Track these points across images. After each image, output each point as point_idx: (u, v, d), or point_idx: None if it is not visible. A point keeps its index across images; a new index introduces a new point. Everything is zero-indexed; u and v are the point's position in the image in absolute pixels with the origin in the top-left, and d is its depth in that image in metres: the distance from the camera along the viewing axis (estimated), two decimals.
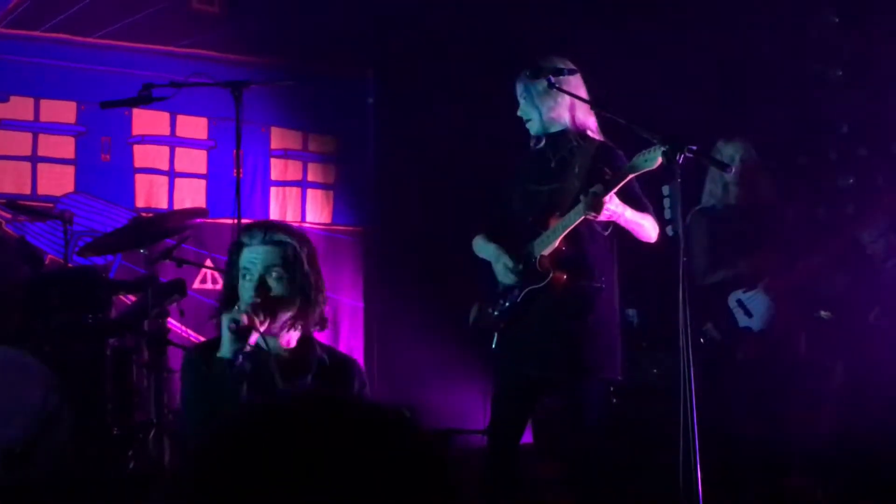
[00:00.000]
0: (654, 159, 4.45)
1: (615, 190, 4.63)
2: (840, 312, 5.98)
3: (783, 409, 5.57)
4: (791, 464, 5.81)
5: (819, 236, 5.82)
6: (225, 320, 3.68)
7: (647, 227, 4.86)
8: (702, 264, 5.72)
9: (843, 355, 6.01)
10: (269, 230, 3.87)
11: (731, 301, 5.56)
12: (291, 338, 3.84)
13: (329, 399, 1.28)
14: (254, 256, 3.79)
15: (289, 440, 1.18)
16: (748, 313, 5.53)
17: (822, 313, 5.95)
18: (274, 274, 3.78)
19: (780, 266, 5.57)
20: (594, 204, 4.59)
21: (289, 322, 3.79)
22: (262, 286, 3.76)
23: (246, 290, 3.76)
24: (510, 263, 4.87)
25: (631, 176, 4.64)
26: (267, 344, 3.74)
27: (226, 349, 3.67)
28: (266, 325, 3.71)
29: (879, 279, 5.87)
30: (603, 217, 4.66)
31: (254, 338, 3.69)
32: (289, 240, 3.85)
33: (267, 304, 3.73)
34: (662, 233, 4.99)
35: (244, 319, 3.66)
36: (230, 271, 3.87)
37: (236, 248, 3.87)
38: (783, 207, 5.86)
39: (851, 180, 6.86)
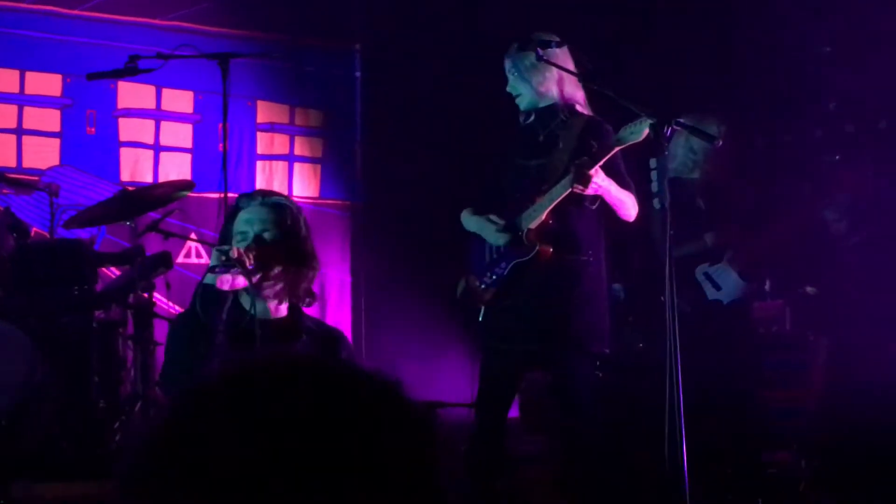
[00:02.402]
0: (640, 132, 4.46)
1: (601, 163, 4.63)
2: (824, 289, 6.00)
3: (763, 383, 5.59)
4: (774, 439, 5.83)
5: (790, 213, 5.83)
6: (214, 252, 3.67)
7: (628, 205, 4.85)
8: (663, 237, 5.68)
9: (827, 330, 6.02)
10: (267, 195, 3.88)
11: (699, 274, 5.55)
12: (281, 308, 3.83)
13: (313, 360, 1.25)
14: (250, 216, 3.77)
15: (266, 399, 1.14)
16: (716, 286, 5.53)
17: (808, 289, 5.96)
18: (268, 235, 3.77)
19: (743, 240, 5.56)
20: (580, 177, 4.59)
21: (279, 289, 3.77)
22: (257, 241, 3.75)
23: (213, 258, 3.74)
24: (498, 222, 4.87)
25: (617, 149, 4.65)
26: (255, 307, 3.73)
27: (209, 276, 3.67)
28: (255, 273, 3.68)
29: (844, 258, 5.88)
30: (589, 191, 4.66)
31: (240, 280, 3.66)
32: (287, 203, 3.85)
33: (260, 253, 3.71)
34: (650, 206, 4.99)
35: (234, 252, 3.65)
36: (224, 236, 3.85)
37: (232, 212, 3.85)
38: (745, 183, 5.85)
39: (837, 157, 6.86)
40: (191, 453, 1.12)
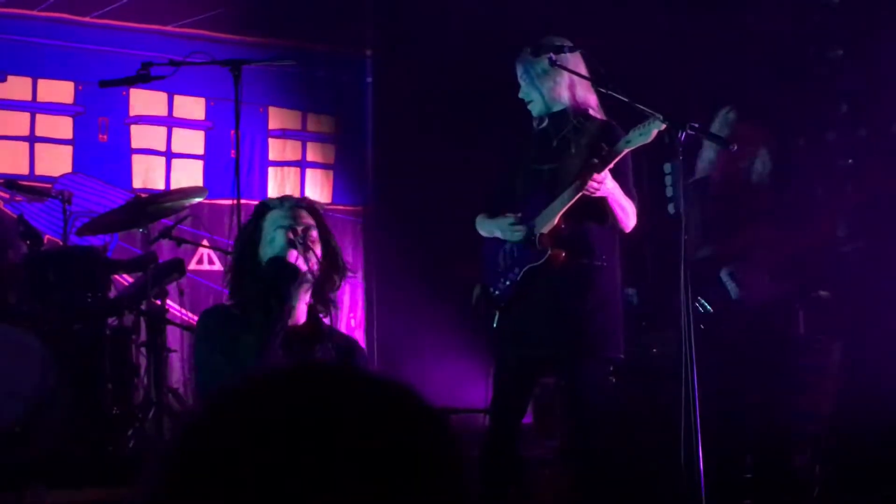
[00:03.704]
0: (649, 133, 4.46)
1: (611, 165, 4.62)
2: (840, 292, 5.99)
3: (781, 385, 5.57)
4: (789, 443, 5.82)
5: (811, 216, 5.83)
6: (279, 230, 3.69)
7: (629, 213, 4.83)
8: (693, 238, 5.68)
9: (841, 335, 6.01)
10: (300, 199, 3.92)
11: (724, 274, 5.53)
12: (301, 314, 3.85)
13: (338, 368, 1.26)
14: (289, 213, 3.79)
15: (294, 407, 1.15)
16: (741, 287, 5.51)
17: (821, 293, 5.95)
18: (310, 230, 3.80)
19: (771, 242, 5.55)
20: (590, 179, 4.59)
21: (308, 290, 3.80)
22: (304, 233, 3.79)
23: (279, 238, 3.76)
24: (511, 218, 4.86)
25: (626, 150, 4.64)
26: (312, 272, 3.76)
27: (278, 247, 3.68)
28: (310, 258, 3.72)
29: (839, 262, 5.88)
30: (599, 194, 4.65)
31: (301, 262, 3.70)
32: (320, 209, 3.88)
33: (307, 241, 3.76)
34: (662, 210, 4.98)
35: (300, 230, 3.69)
36: (249, 235, 3.85)
37: (260, 211, 3.87)
38: (773, 184, 5.84)
39: (851, 161, 6.85)
40: (211, 461, 1.12)
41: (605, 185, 4.63)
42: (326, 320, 4.00)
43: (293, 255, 3.72)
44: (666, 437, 4.23)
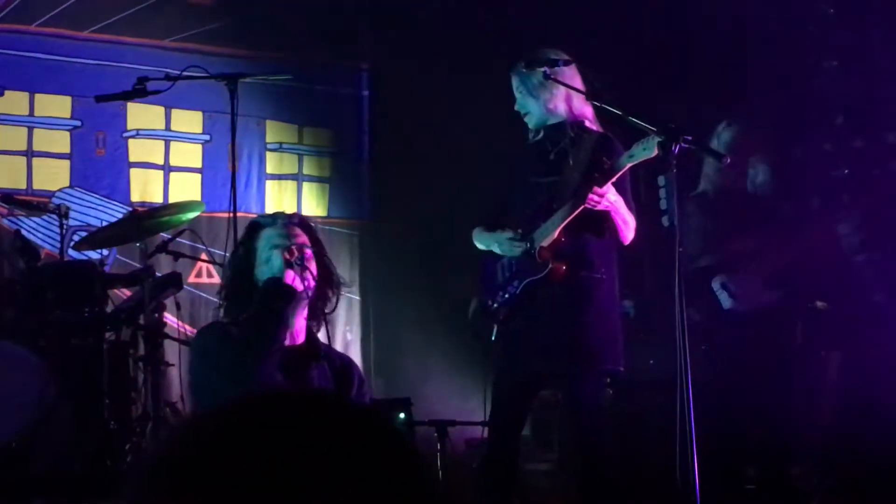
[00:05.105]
0: (652, 148, 4.44)
1: (613, 179, 4.62)
2: (835, 303, 5.99)
3: (775, 396, 5.58)
4: (787, 453, 5.82)
5: (807, 226, 5.84)
6: (274, 251, 3.68)
7: (630, 226, 4.83)
8: (692, 249, 5.69)
9: (838, 345, 6.01)
10: (292, 215, 3.89)
11: (715, 284, 5.54)
12: (300, 334, 3.84)
13: (320, 399, 1.27)
14: (283, 232, 3.77)
15: (268, 437, 1.16)
16: (733, 296, 5.52)
17: (818, 303, 5.95)
18: (306, 248, 3.79)
19: (766, 251, 5.56)
20: (592, 193, 4.58)
21: (304, 308, 3.80)
22: (299, 251, 3.77)
23: (275, 259, 3.74)
24: (510, 233, 4.86)
25: (629, 165, 4.63)
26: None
27: (276, 268, 3.67)
28: (306, 276, 3.71)
29: (847, 271, 5.88)
30: (601, 207, 4.65)
31: (298, 282, 3.69)
32: (313, 225, 3.87)
33: (304, 258, 3.75)
34: (659, 223, 4.99)
35: (295, 250, 3.68)
36: (244, 255, 3.83)
37: (253, 230, 3.84)
38: (771, 194, 5.86)
39: (846, 171, 6.86)
40: (199, 476, 1.13)
41: (608, 198, 4.62)
42: (321, 336, 3.99)
43: (290, 276, 3.70)
44: (663, 449, 4.23)
